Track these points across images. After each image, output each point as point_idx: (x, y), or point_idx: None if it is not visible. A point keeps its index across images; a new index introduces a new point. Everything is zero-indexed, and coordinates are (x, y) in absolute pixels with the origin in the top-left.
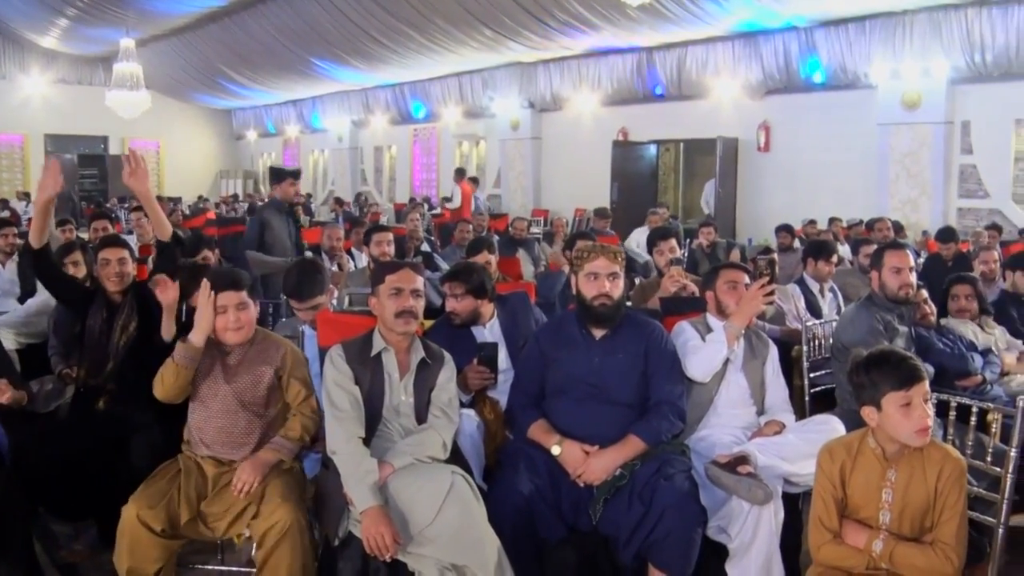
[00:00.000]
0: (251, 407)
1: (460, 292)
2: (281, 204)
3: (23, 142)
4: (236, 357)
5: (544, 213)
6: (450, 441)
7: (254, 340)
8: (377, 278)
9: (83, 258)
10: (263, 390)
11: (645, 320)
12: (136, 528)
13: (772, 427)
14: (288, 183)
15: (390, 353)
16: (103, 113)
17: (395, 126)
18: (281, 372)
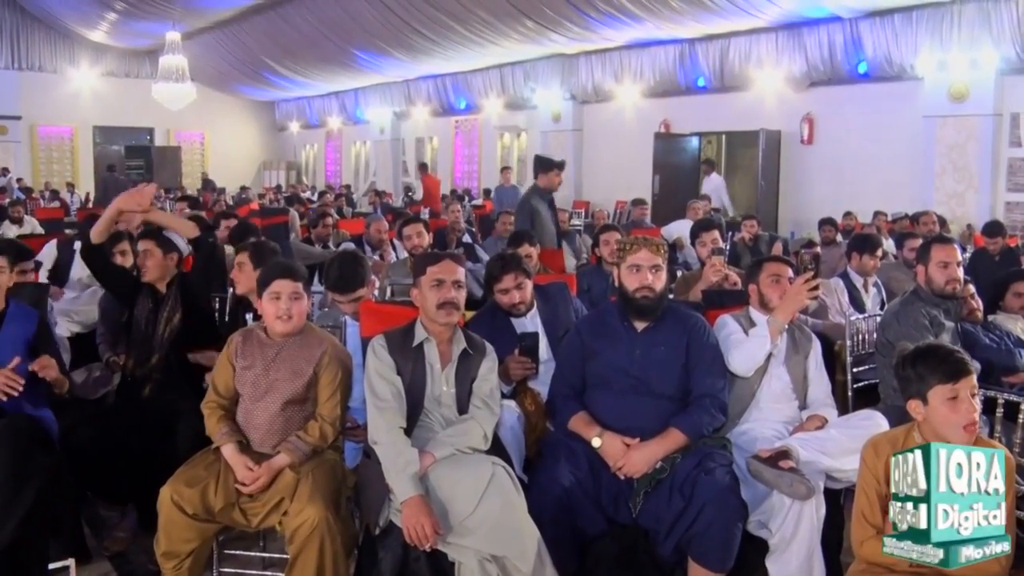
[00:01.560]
0: (290, 403)
1: (522, 280)
2: (544, 193)
3: (72, 134)
4: (279, 351)
5: (585, 205)
6: (491, 432)
7: (299, 335)
8: (419, 269)
9: (131, 247)
10: (301, 387)
11: (687, 313)
12: (170, 509)
13: (814, 422)
14: (553, 173)
15: (432, 343)
16: (149, 105)
17: (437, 118)
18: (318, 369)
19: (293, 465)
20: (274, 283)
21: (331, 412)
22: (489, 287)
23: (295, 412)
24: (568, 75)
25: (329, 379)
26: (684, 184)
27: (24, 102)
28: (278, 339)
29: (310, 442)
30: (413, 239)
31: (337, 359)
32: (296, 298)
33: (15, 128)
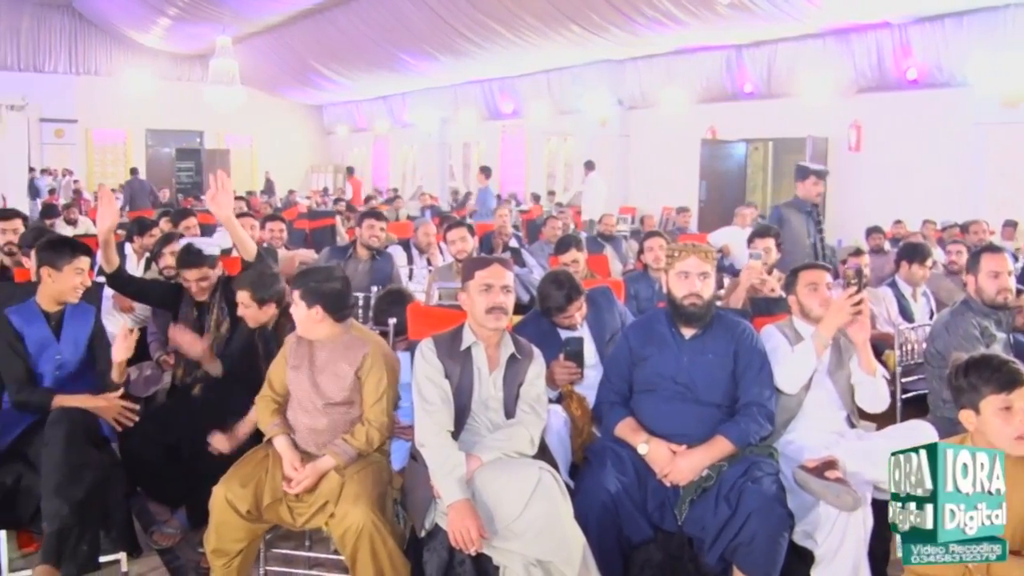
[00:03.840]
0: (333, 406)
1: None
2: (802, 203)
3: (125, 137)
4: (323, 354)
5: (631, 211)
6: (538, 437)
7: (343, 336)
8: (467, 274)
9: None
10: (343, 390)
11: (735, 320)
12: (224, 508)
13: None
14: (811, 181)
15: (480, 348)
16: (199, 108)
17: (483, 122)
18: (360, 373)
19: (338, 468)
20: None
21: (378, 416)
22: (546, 310)
23: (340, 414)
24: (615, 80)
25: (374, 382)
26: (731, 191)
27: (80, 106)
28: (323, 344)
29: (356, 446)
30: (457, 244)
31: (382, 362)
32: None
33: (71, 131)
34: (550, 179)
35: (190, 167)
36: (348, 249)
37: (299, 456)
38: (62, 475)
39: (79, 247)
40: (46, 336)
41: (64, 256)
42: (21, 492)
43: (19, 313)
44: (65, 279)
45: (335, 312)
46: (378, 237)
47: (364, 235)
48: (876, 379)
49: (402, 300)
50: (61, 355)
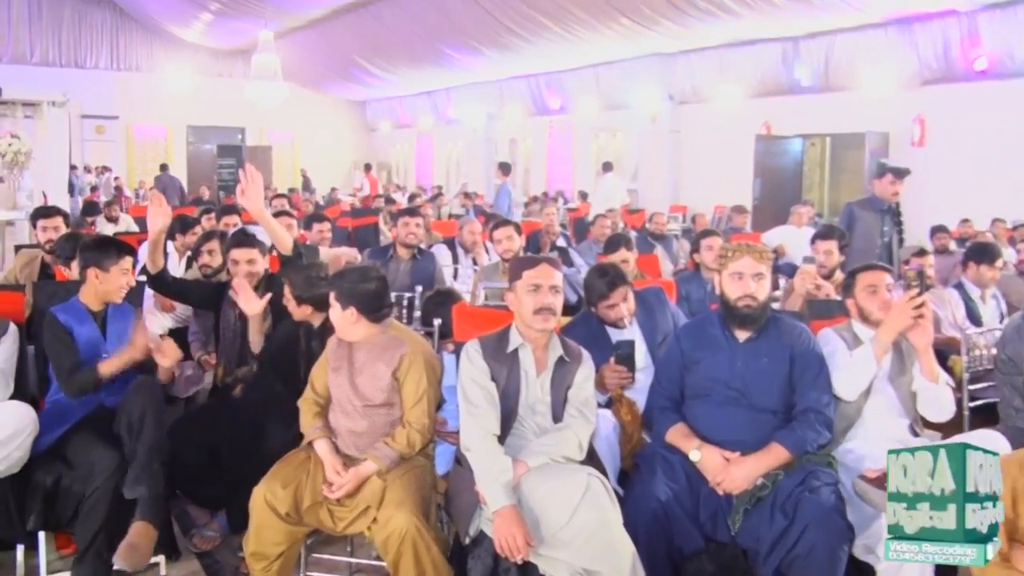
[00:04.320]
0: (373, 408)
1: (628, 292)
2: (878, 202)
3: (166, 133)
4: (361, 355)
5: (683, 209)
6: (586, 442)
7: (381, 336)
8: (515, 274)
9: (220, 247)
10: (382, 391)
11: (791, 323)
12: (263, 510)
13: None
14: (888, 180)
15: (527, 350)
16: (241, 104)
17: (530, 118)
18: (398, 374)
19: (380, 472)
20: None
21: (419, 418)
22: (592, 302)
23: (380, 417)
24: (666, 75)
25: (413, 383)
26: (787, 188)
27: (120, 102)
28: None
29: (397, 449)
30: (503, 243)
31: (422, 361)
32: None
33: (112, 128)
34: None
35: (231, 164)
36: (389, 249)
37: (341, 461)
38: (159, 439)
39: (124, 247)
40: (95, 335)
41: (111, 256)
42: (60, 493)
43: (66, 312)
44: (112, 279)
45: (370, 313)
46: (415, 234)
47: (401, 233)
48: (939, 386)
49: (451, 301)
50: (108, 354)
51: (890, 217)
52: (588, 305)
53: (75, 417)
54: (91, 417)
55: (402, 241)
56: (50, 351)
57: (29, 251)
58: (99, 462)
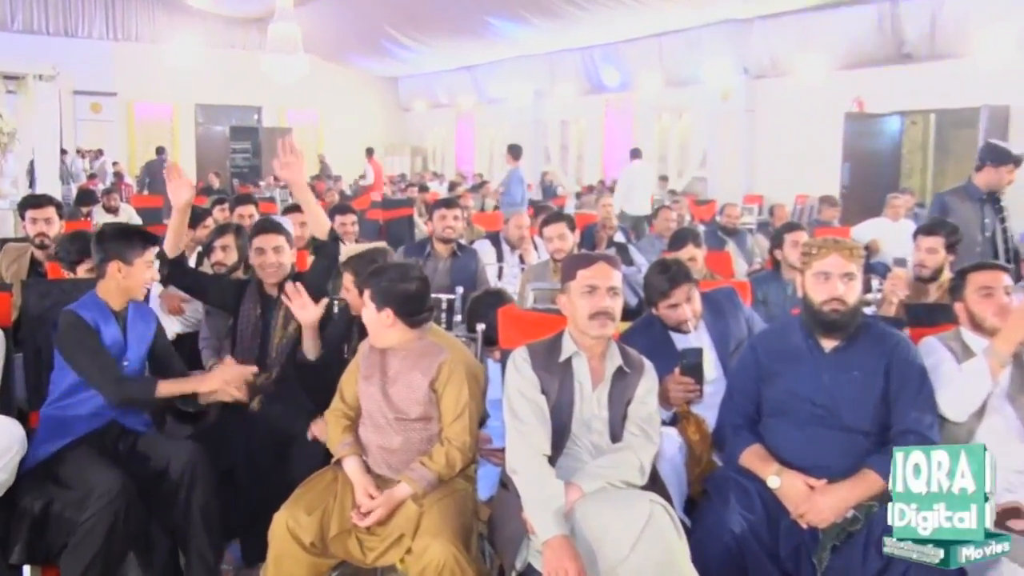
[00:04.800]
0: (408, 422)
1: (692, 292)
2: (975, 190)
3: (172, 112)
4: (396, 362)
5: (758, 199)
6: (649, 464)
7: (419, 343)
8: (568, 273)
9: (235, 242)
10: (418, 403)
11: (887, 330)
12: (284, 538)
13: None
14: (1006, 169)
15: (582, 359)
16: (257, 81)
17: (584, 96)
18: (436, 384)
19: (416, 496)
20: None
21: (459, 435)
22: (652, 301)
23: (416, 432)
24: (740, 45)
25: (453, 396)
26: (881, 175)
27: (119, 77)
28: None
29: (435, 470)
30: (554, 242)
31: (463, 371)
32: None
33: (110, 106)
34: (661, 162)
35: (246, 148)
36: (426, 245)
37: (372, 481)
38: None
39: (149, 238)
40: (118, 338)
41: (135, 248)
42: (51, 520)
43: (89, 309)
44: (136, 274)
45: (407, 316)
46: (452, 228)
47: (438, 227)
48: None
49: (500, 302)
50: (129, 361)
51: (990, 207)
52: (649, 306)
53: (77, 432)
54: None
55: (439, 236)
56: (79, 355)
57: (16, 245)
58: (98, 484)
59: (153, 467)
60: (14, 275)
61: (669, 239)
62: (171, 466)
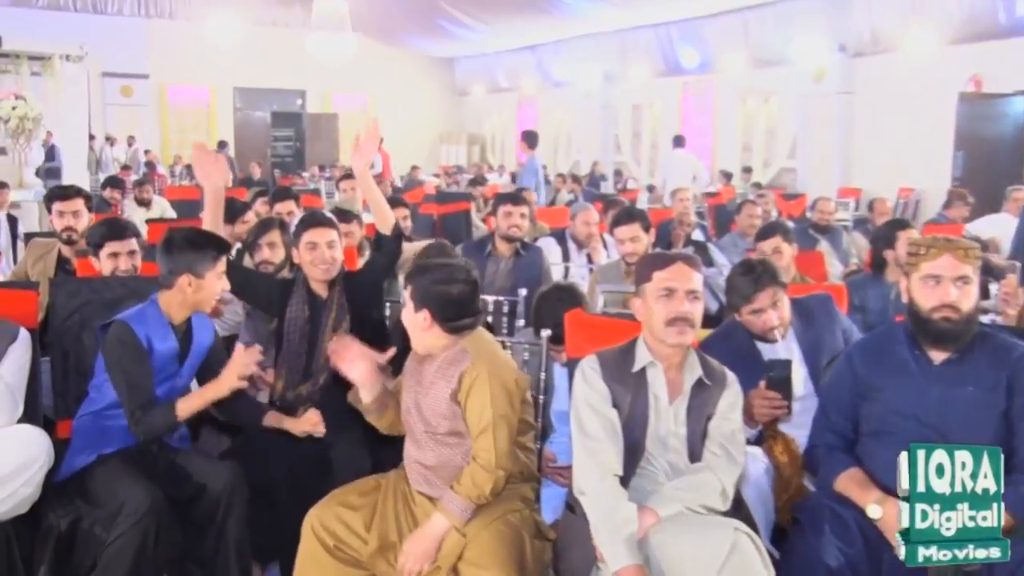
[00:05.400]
0: (439, 437)
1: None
2: None
3: (209, 97)
4: (431, 370)
5: (855, 193)
6: (732, 488)
7: (450, 350)
8: (643, 274)
9: (281, 239)
10: (443, 418)
11: (1010, 342)
12: (311, 541)
13: None
14: None
15: (657, 369)
16: (301, 62)
17: (659, 79)
18: (459, 395)
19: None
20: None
21: (483, 452)
22: (734, 306)
23: (449, 449)
24: (836, 18)
25: (476, 407)
26: (1001, 164)
27: (152, 57)
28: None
29: (462, 494)
30: (627, 244)
31: (486, 379)
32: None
33: (142, 89)
34: (746, 152)
35: (289, 135)
36: (487, 244)
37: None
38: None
39: (223, 246)
40: (175, 354)
41: (208, 258)
42: (79, 538)
43: (145, 323)
44: (207, 287)
45: (446, 321)
46: (519, 227)
47: (501, 225)
48: None
49: (573, 299)
50: (182, 377)
51: None
52: (731, 312)
53: (116, 444)
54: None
55: (503, 234)
56: (117, 374)
57: (43, 241)
58: (129, 500)
59: (189, 487)
60: (40, 273)
61: (757, 232)
62: (208, 488)
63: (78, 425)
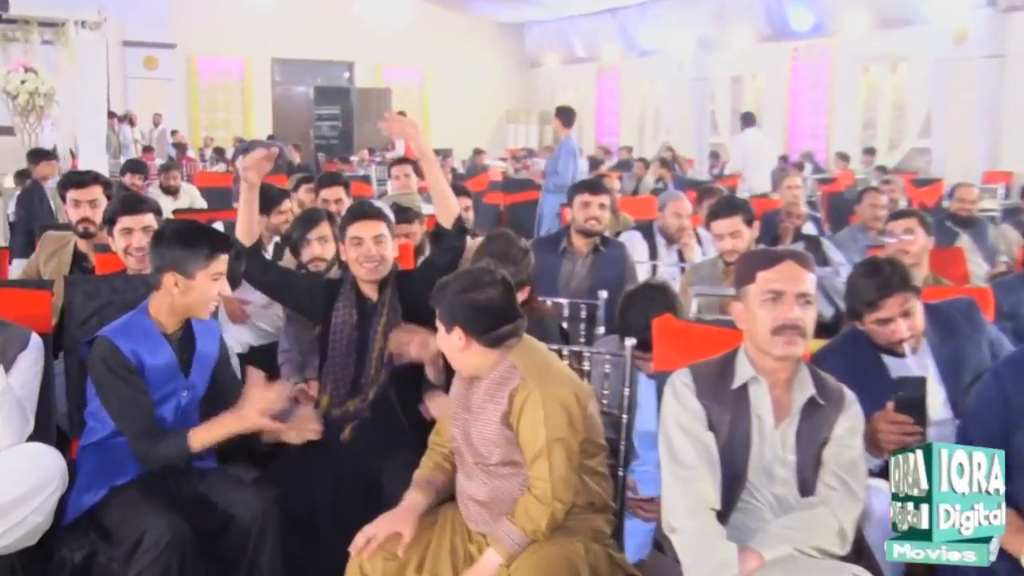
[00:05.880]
0: (488, 468)
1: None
2: None
3: (244, 70)
4: (479, 394)
5: (1005, 177)
6: (852, 527)
7: (498, 368)
8: (745, 275)
9: (332, 232)
10: (494, 446)
11: None
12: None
13: None
14: None
15: (761, 386)
16: (348, 30)
17: (764, 45)
18: (511, 418)
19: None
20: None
21: (539, 480)
22: (855, 313)
23: (504, 480)
24: None
25: (529, 429)
26: None
27: (179, 25)
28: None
29: (518, 526)
30: (726, 240)
31: (539, 395)
32: None
33: (167, 60)
34: (867, 130)
35: (334, 114)
36: (561, 239)
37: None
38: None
39: (221, 241)
40: (172, 368)
41: (200, 256)
42: (94, 574)
43: (130, 336)
44: (199, 290)
45: (482, 334)
46: (598, 219)
47: (578, 218)
48: None
49: (665, 301)
50: (189, 392)
51: None
52: (851, 319)
53: (126, 475)
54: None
55: (579, 228)
56: (109, 398)
57: (57, 234)
58: (149, 532)
59: (217, 516)
60: (54, 270)
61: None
62: (237, 518)
63: (81, 458)
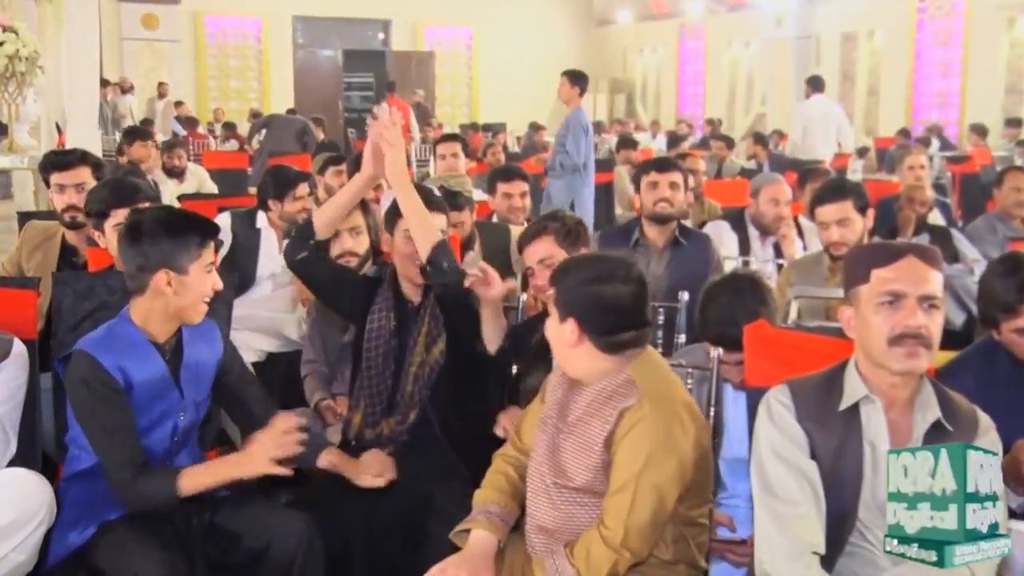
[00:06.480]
0: (567, 492)
1: None
2: None
3: (260, 30)
4: (581, 403)
5: None
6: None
7: (612, 378)
8: (856, 273)
9: (365, 222)
10: (586, 469)
11: None
12: None
13: None
14: None
15: (876, 407)
16: None
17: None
18: (612, 440)
19: None
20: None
21: (613, 522)
22: (991, 320)
23: (580, 509)
24: None
25: (625, 457)
26: None
27: None
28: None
29: (574, 565)
30: (833, 229)
31: (655, 425)
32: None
33: (170, 19)
34: (1011, 97)
35: (367, 82)
36: (633, 230)
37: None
38: None
39: (207, 228)
40: (164, 383)
41: (190, 247)
42: None
43: (113, 348)
44: (193, 286)
45: (599, 335)
46: (669, 201)
47: (646, 201)
48: None
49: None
50: (186, 412)
51: None
52: (986, 327)
53: (119, 508)
54: None
55: (650, 213)
56: (89, 424)
57: (42, 224)
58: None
59: (244, 549)
60: (39, 267)
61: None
62: (273, 548)
63: (65, 491)
